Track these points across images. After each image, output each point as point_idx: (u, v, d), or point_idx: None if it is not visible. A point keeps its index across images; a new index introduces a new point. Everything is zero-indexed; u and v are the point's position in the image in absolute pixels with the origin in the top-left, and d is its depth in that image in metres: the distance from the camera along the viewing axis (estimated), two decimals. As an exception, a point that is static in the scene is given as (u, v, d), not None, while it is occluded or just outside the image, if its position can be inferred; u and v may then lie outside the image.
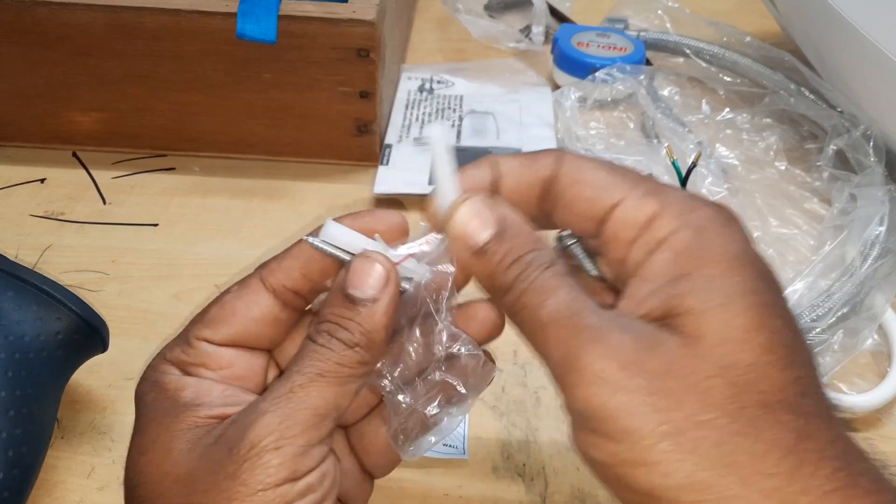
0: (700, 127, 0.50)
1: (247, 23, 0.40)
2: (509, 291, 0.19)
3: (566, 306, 0.18)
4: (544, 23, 0.57)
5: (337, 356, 0.20)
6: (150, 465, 0.21)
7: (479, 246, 0.20)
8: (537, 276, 0.19)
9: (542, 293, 0.19)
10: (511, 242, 0.20)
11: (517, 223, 0.20)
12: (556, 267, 0.20)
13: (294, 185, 0.46)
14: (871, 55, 0.42)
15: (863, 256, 0.38)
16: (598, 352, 0.18)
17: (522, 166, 0.21)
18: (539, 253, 0.20)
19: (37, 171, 0.45)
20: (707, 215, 0.19)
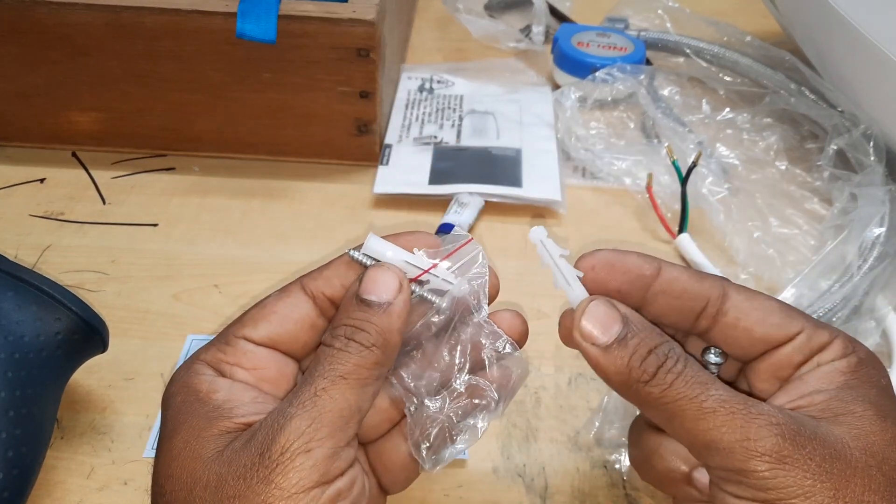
0: (700, 127, 0.50)
1: (247, 22, 0.40)
2: (653, 383, 0.21)
3: (731, 396, 0.21)
4: (544, 22, 0.57)
5: (356, 358, 0.21)
6: (180, 470, 0.21)
7: (611, 339, 0.21)
8: (683, 367, 0.21)
9: (701, 384, 0.21)
10: (641, 335, 0.22)
11: (641, 319, 0.22)
12: (690, 358, 0.22)
13: (294, 184, 0.46)
14: (871, 55, 0.42)
15: (862, 257, 0.38)
16: (777, 436, 0.20)
17: (690, 278, 0.23)
18: (671, 344, 0.22)
19: (36, 171, 0.45)
20: (867, 352, 0.23)
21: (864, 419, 0.20)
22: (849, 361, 0.22)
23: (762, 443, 0.19)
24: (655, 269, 0.23)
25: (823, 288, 0.38)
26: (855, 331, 0.36)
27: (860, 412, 0.21)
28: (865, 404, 0.21)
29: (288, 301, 0.24)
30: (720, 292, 0.23)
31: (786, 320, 0.23)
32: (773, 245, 0.42)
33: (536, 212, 0.45)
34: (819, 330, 0.23)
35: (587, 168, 0.47)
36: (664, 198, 0.44)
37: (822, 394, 0.21)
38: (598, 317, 0.22)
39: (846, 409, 0.21)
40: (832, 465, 0.19)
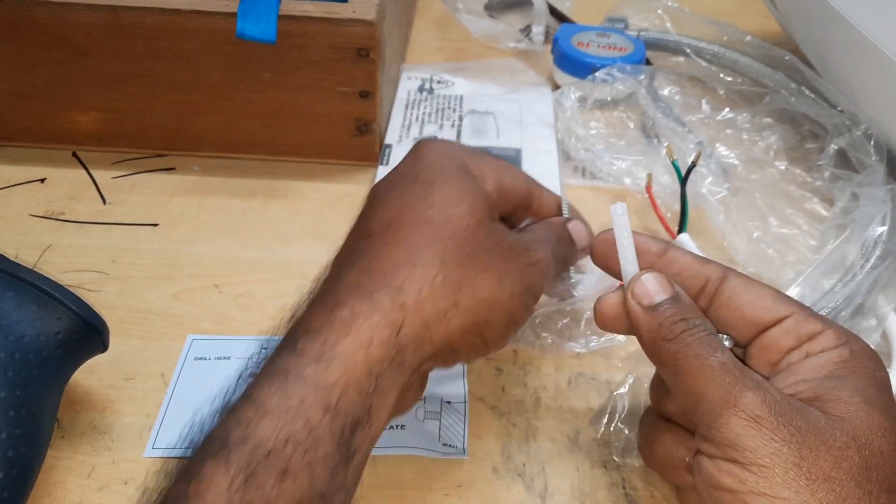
0: (700, 126, 0.50)
1: (247, 22, 0.40)
2: (674, 340, 0.23)
3: (732, 361, 0.22)
4: (544, 22, 0.57)
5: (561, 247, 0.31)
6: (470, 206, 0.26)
7: (654, 302, 0.24)
8: (704, 335, 0.23)
9: (712, 348, 0.22)
10: (683, 308, 0.24)
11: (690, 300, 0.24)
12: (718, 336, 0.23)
13: (294, 184, 0.46)
14: (871, 55, 0.42)
15: (864, 256, 0.38)
16: (758, 398, 0.21)
17: (692, 260, 0.25)
18: (705, 322, 0.23)
19: (37, 170, 0.45)
20: (862, 344, 0.23)
21: (851, 405, 0.21)
22: (840, 352, 0.22)
23: (742, 400, 0.21)
24: (661, 248, 0.25)
25: (825, 287, 0.38)
26: (856, 330, 0.36)
27: (846, 398, 0.21)
28: (853, 392, 0.21)
29: None
30: (720, 275, 0.24)
31: (776, 304, 0.24)
32: (772, 245, 0.42)
33: (536, 212, 0.45)
34: (810, 318, 0.23)
35: (587, 168, 0.47)
36: (664, 198, 0.44)
37: (809, 382, 0.22)
38: (651, 284, 0.24)
39: (833, 395, 0.21)
40: (805, 437, 0.20)
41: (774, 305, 0.24)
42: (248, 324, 0.37)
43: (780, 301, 0.24)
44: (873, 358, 0.23)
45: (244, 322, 0.37)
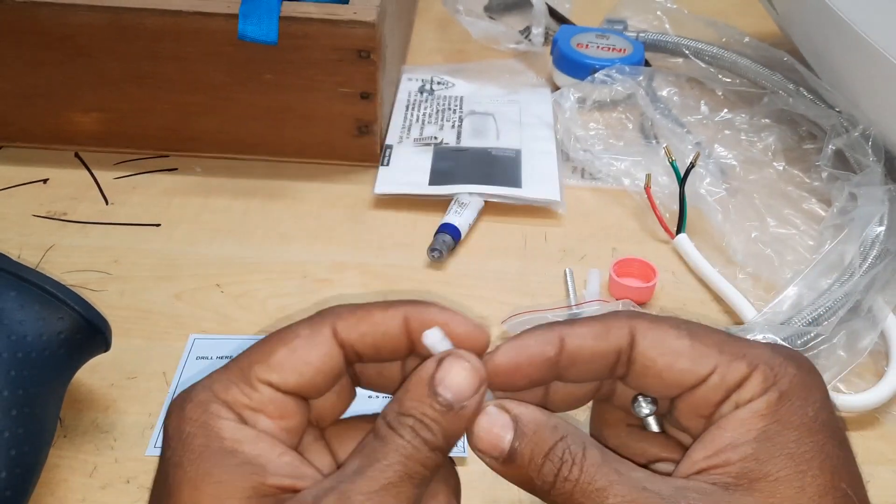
0: (699, 127, 0.50)
1: (248, 24, 0.40)
2: (552, 492, 0.20)
3: (629, 501, 0.19)
4: (544, 24, 0.57)
5: (422, 457, 0.20)
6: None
7: (505, 451, 0.20)
8: (578, 473, 0.20)
9: (596, 493, 0.19)
10: (533, 438, 0.20)
11: (532, 417, 0.20)
12: (591, 454, 0.20)
13: (295, 185, 0.46)
14: (869, 56, 0.42)
15: (862, 256, 0.39)
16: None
17: (595, 338, 0.21)
18: (565, 442, 0.20)
19: (39, 171, 0.46)
20: (791, 377, 0.21)
21: (780, 483, 0.19)
22: (768, 400, 0.20)
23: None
24: (557, 348, 0.21)
25: (823, 287, 0.38)
26: (854, 330, 0.36)
27: (775, 474, 0.19)
28: (783, 460, 0.19)
29: (320, 350, 0.21)
30: (628, 339, 0.21)
31: (695, 363, 0.21)
32: (770, 245, 0.42)
33: (536, 212, 0.45)
34: (735, 363, 0.21)
35: (586, 169, 0.48)
36: (662, 198, 0.44)
37: (738, 450, 0.20)
38: (487, 430, 0.20)
39: (762, 470, 0.19)
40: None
41: (693, 365, 0.21)
42: (249, 323, 0.37)
43: (698, 356, 0.21)
44: (803, 391, 0.20)
45: (245, 321, 0.37)
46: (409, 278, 0.40)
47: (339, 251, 0.42)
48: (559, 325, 0.22)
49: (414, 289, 0.40)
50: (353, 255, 0.42)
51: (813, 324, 0.36)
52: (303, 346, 0.21)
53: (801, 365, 0.21)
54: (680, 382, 0.21)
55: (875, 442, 0.34)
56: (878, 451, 0.34)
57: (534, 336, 0.21)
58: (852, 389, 0.35)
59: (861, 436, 0.34)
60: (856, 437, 0.34)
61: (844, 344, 0.36)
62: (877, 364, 0.36)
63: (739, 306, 0.38)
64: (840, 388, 0.35)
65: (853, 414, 0.35)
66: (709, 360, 0.21)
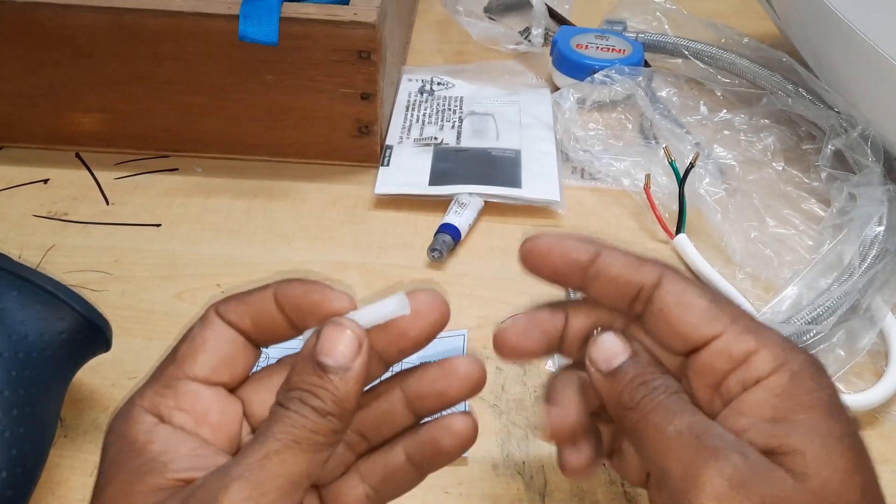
0: (698, 128, 0.50)
1: (249, 25, 0.40)
2: (635, 409, 0.22)
3: (691, 426, 0.21)
4: (543, 25, 0.57)
5: (311, 423, 0.20)
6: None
7: (613, 367, 0.22)
8: (664, 398, 0.21)
9: (670, 413, 0.21)
10: (642, 368, 0.22)
11: (648, 357, 0.23)
12: (681, 394, 0.22)
13: (295, 185, 0.46)
14: (868, 56, 0.42)
15: (861, 256, 0.39)
16: (718, 471, 0.19)
17: (626, 265, 0.23)
18: (666, 379, 0.22)
19: (40, 171, 0.46)
20: (801, 361, 0.21)
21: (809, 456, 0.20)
22: (778, 380, 0.21)
23: (708, 484, 0.19)
24: (591, 255, 0.23)
25: (822, 286, 0.38)
26: (853, 329, 0.36)
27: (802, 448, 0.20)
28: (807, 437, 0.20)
29: (212, 329, 0.22)
30: (654, 280, 0.22)
31: (705, 321, 0.22)
32: (770, 245, 0.42)
33: (535, 212, 0.45)
34: (743, 336, 0.21)
35: (586, 169, 0.48)
36: (662, 198, 0.44)
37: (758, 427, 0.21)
38: (609, 346, 0.23)
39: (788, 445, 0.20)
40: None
41: (703, 322, 0.22)
42: (249, 323, 0.37)
43: (709, 317, 0.22)
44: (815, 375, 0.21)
45: (246, 321, 0.37)
46: (409, 278, 0.40)
47: (339, 251, 0.42)
48: (600, 243, 0.23)
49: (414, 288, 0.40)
50: (354, 255, 0.42)
51: (812, 323, 0.36)
52: (198, 333, 0.22)
53: (810, 355, 0.22)
54: (687, 336, 0.22)
55: (875, 442, 0.34)
56: (878, 451, 0.33)
57: (574, 238, 0.23)
58: (851, 389, 0.35)
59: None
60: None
61: (843, 343, 0.36)
62: (876, 364, 0.37)
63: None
64: (839, 387, 0.35)
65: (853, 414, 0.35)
66: (718, 324, 0.22)
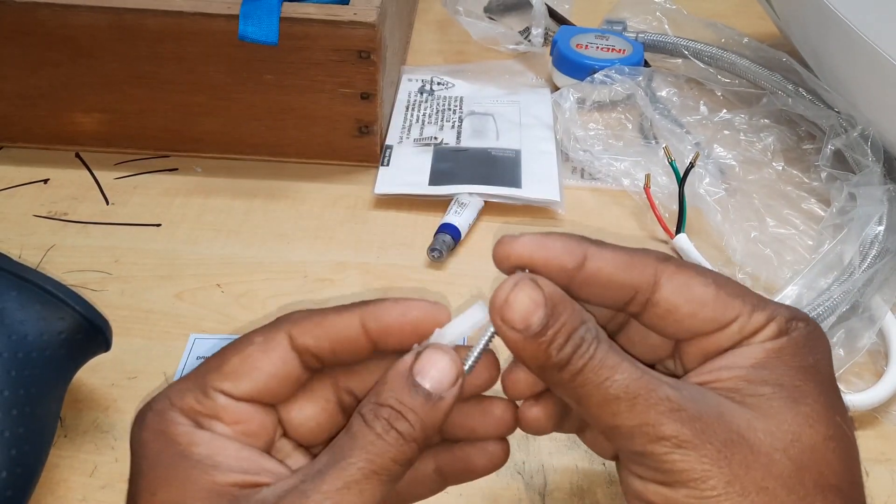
0: (698, 128, 0.50)
1: (248, 25, 0.40)
2: (565, 368, 0.20)
3: (635, 379, 0.20)
4: (543, 25, 0.57)
5: (394, 451, 0.20)
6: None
7: (531, 324, 0.20)
8: (594, 351, 0.20)
9: (605, 369, 0.20)
10: (563, 319, 0.20)
11: (564, 297, 0.21)
12: (604, 338, 0.20)
13: (295, 185, 0.46)
14: (868, 56, 0.42)
15: (862, 255, 0.39)
16: (677, 420, 0.19)
17: (616, 268, 0.21)
18: (587, 326, 0.20)
19: (40, 171, 0.46)
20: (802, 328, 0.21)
21: (773, 400, 0.20)
22: (775, 343, 0.21)
23: (661, 428, 0.19)
24: (578, 261, 0.21)
25: (822, 286, 0.38)
26: (852, 329, 0.36)
27: (769, 393, 0.20)
28: (776, 386, 0.20)
29: (273, 356, 0.21)
30: (651, 280, 0.21)
31: (719, 312, 0.21)
32: (769, 245, 0.42)
33: (535, 212, 0.45)
34: (756, 314, 0.21)
35: (586, 169, 0.48)
36: (662, 198, 0.44)
37: (732, 370, 0.20)
38: (522, 302, 0.20)
39: (754, 390, 0.20)
40: (732, 449, 0.19)
41: (717, 313, 0.21)
42: (249, 323, 0.37)
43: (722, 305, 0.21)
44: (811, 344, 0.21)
45: (246, 321, 0.37)
46: (409, 278, 0.40)
47: (339, 251, 0.42)
48: (588, 243, 0.22)
49: (414, 288, 0.40)
50: (354, 254, 0.42)
51: (812, 324, 0.36)
52: (255, 353, 0.21)
53: (814, 327, 0.21)
54: (701, 329, 0.21)
55: (875, 442, 0.34)
56: (878, 451, 0.34)
57: (561, 241, 0.22)
58: (851, 389, 0.35)
59: (860, 435, 0.34)
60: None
61: (843, 343, 0.36)
62: (876, 364, 0.37)
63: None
64: (839, 387, 0.35)
65: (852, 413, 0.35)
66: (732, 310, 0.21)
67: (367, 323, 0.21)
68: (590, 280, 0.21)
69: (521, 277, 0.21)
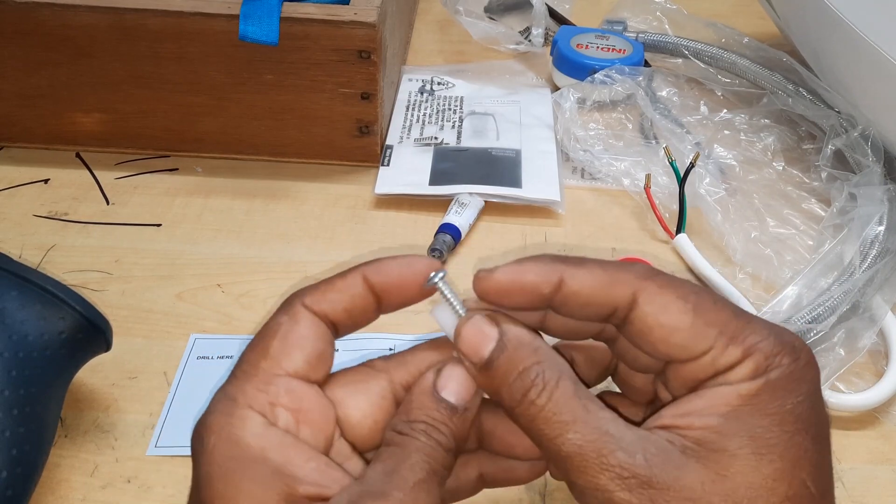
0: (698, 127, 0.50)
1: (249, 25, 0.40)
2: (518, 409, 0.20)
3: (589, 441, 0.19)
4: (544, 25, 0.57)
5: (441, 457, 0.20)
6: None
7: (484, 357, 0.21)
8: (546, 400, 0.20)
9: (559, 424, 0.20)
10: (510, 354, 0.21)
11: (519, 335, 0.21)
12: (564, 385, 0.20)
13: (295, 185, 0.46)
14: (868, 56, 0.42)
15: (862, 255, 0.39)
16: (626, 488, 0.19)
17: (594, 288, 0.21)
18: (541, 367, 0.20)
19: (40, 171, 0.46)
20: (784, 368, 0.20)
21: (736, 459, 0.19)
22: (751, 386, 0.20)
23: (610, 495, 0.19)
24: (553, 286, 0.21)
25: (823, 286, 0.38)
26: (852, 329, 0.36)
27: (734, 449, 0.19)
28: (746, 439, 0.19)
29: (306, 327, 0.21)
30: (629, 298, 0.21)
31: (693, 339, 0.20)
32: (770, 245, 0.42)
33: (536, 212, 0.45)
34: (731, 348, 0.20)
35: (586, 169, 0.48)
36: (662, 198, 0.44)
37: (703, 418, 0.20)
38: (473, 335, 0.21)
39: (720, 444, 0.19)
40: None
41: (690, 342, 0.20)
42: (250, 323, 0.37)
43: (695, 336, 0.20)
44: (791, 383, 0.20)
45: (246, 321, 0.37)
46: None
47: (339, 251, 0.42)
48: (564, 263, 0.21)
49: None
50: (354, 254, 0.42)
51: (812, 323, 0.36)
52: (290, 330, 0.22)
53: (798, 357, 0.20)
54: (673, 356, 0.21)
55: (875, 442, 0.34)
56: (878, 451, 0.34)
57: (536, 266, 0.21)
58: (852, 389, 0.35)
59: (861, 436, 0.34)
60: (856, 437, 0.34)
61: (843, 343, 0.36)
62: (876, 364, 0.37)
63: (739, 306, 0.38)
64: (839, 387, 0.35)
65: (853, 413, 0.35)
66: (705, 342, 0.20)
67: (371, 278, 0.22)
68: (568, 300, 0.21)
69: (479, 312, 0.22)
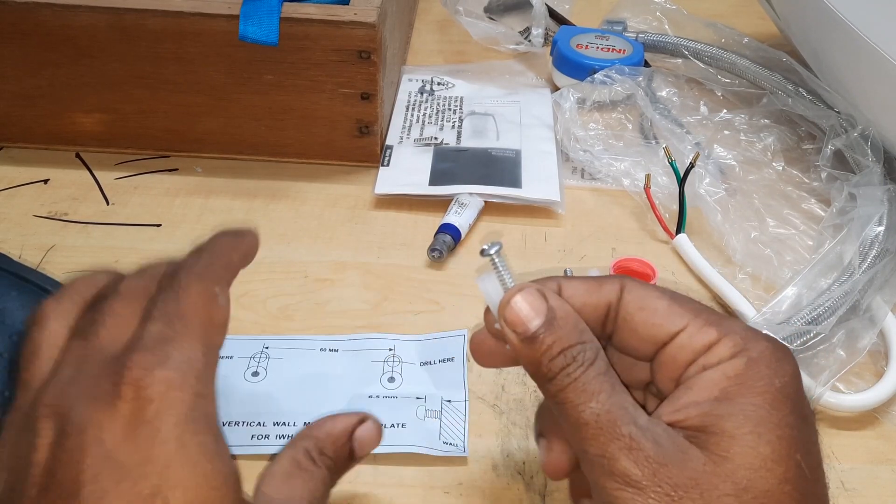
0: (698, 128, 0.50)
1: (249, 25, 0.40)
2: (552, 381, 0.21)
3: (606, 411, 0.21)
4: (544, 25, 0.57)
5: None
6: None
7: (529, 333, 0.22)
8: (580, 373, 0.21)
9: (585, 394, 0.21)
10: (558, 333, 0.22)
11: (567, 314, 0.22)
12: (598, 364, 0.22)
13: (295, 185, 0.46)
14: (868, 56, 0.42)
15: (862, 256, 0.39)
16: (632, 459, 0.20)
17: (587, 291, 0.23)
18: (584, 347, 0.22)
19: (40, 171, 0.46)
20: (762, 349, 0.21)
21: (736, 439, 0.20)
22: (734, 364, 0.21)
23: (616, 463, 0.20)
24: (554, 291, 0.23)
25: (822, 286, 0.38)
26: (853, 329, 0.36)
27: (732, 430, 0.20)
28: (741, 420, 0.20)
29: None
30: (616, 295, 0.23)
31: (668, 318, 0.22)
32: (770, 245, 0.42)
33: (536, 212, 0.45)
34: (705, 327, 0.22)
35: (586, 169, 0.48)
36: (662, 198, 0.44)
37: (699, 405, 0.21)
38: (524, 307, 0.22)
39: (719, 426, 0.20)
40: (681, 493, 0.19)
41: (666, 321, 0.22)
42: (250, 323, 0.37)
43: (672, 314, 0.22)
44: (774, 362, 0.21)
45: (246, 321, 0.37)
46: (410, 278, 0.40)
47: (339, 251, 0.42)
48: (558, 278, 0.24)
49: (414, 288, 0.40)
50: (354, 254, 0.42)
51: (812, 323, 0.36)
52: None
53: (775, 343, 0.22)
54: (654, 338, 0.22)
55: (875, 442, 0.34)
56: (878, 451, 0.34)
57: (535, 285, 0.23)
58: (852, 389, 0.35)
59: (861, 436, 0.34)
60: (855, 437, 0.34)
61: (843, 343, 0.36)
62: (876, 364, 0.37)
63: (739, 306, 0.38)
64: (839, 387, 0.35)
65: (853, 413, 0.35)
66: (681, 320, 0.22)
67: None
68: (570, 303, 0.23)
69: (531, 285, 0.23)
